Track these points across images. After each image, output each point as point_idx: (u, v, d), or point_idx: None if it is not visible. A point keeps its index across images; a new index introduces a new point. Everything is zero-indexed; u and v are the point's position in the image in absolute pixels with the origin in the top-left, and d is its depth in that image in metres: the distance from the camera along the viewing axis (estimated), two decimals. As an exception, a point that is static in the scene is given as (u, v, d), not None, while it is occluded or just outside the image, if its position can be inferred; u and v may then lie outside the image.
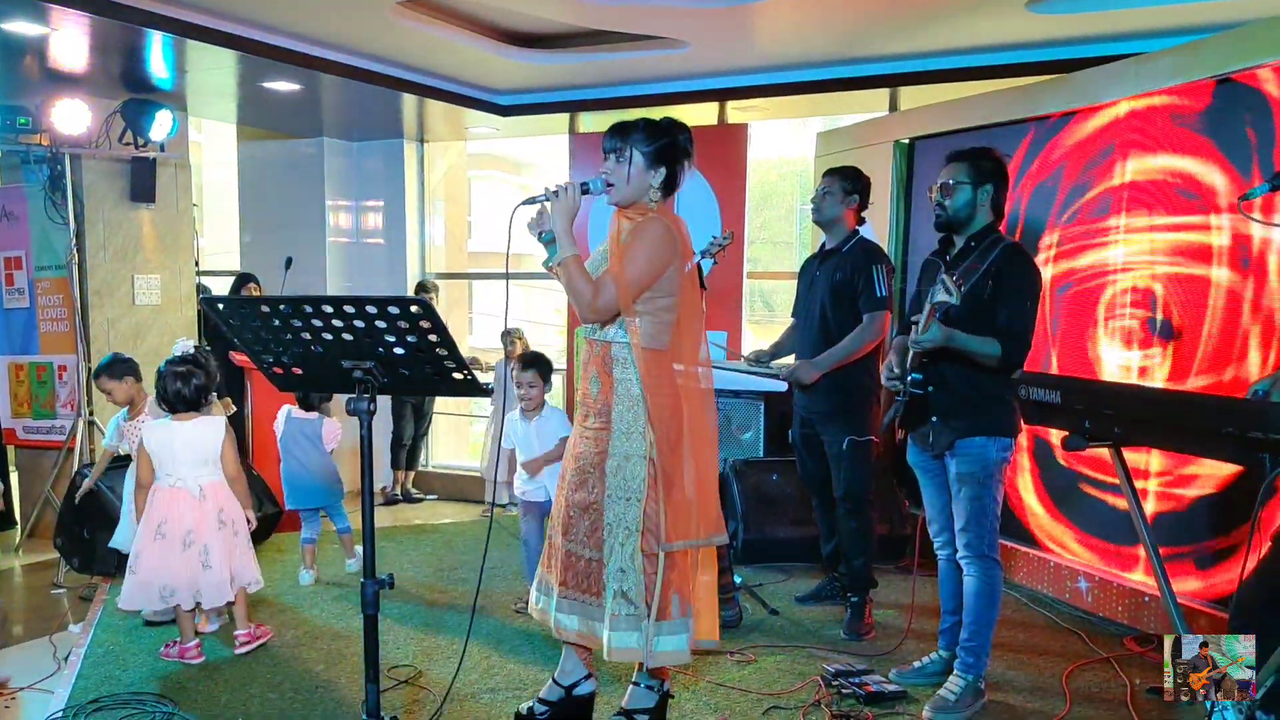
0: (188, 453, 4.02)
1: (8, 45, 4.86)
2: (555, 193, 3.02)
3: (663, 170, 3.07)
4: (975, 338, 3.32)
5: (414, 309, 2.45)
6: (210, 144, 10.19)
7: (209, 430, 4.07)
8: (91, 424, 6.10)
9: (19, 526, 6.23)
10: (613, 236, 3.11)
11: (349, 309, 2.49)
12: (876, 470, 4.45)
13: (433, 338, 2.51)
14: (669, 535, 3.02)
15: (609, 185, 3.08)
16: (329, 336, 2.57)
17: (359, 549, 5.12)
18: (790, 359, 4.53)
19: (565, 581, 3.17)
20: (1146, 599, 4.24)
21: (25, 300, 6.29)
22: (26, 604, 4.92)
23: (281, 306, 2.56)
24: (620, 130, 3.08)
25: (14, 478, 6.48)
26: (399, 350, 2.57)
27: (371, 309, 2.46)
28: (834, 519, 4.46)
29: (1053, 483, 4.79)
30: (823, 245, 4.47)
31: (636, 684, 3.28)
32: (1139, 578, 4.31)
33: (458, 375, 2.63)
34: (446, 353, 2.55)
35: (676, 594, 3.08)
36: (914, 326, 3.38)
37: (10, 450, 6.49)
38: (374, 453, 2.68)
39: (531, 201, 3.10)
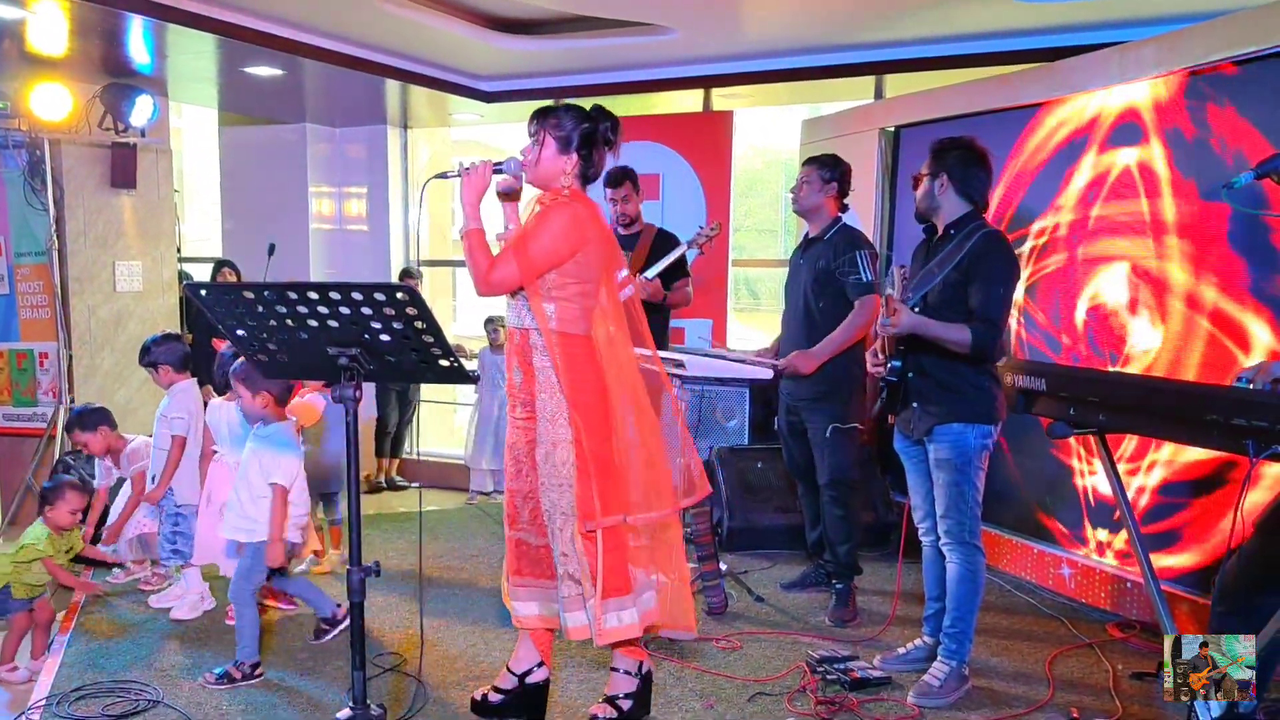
0: (228, 431, 4.23)
1: (-15, 28, 4.81)
2: (467, 169, 3.05)
3: (577, 156, 3.07)
4: (945, 324, 3.35)
5: (400, 295, 2.43)
6: (191, 130, 10.11)
7: None
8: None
9: (-1, 515, 6.18)
10: (526, 218, 3.14)
11: (334, 295, 2.47)
12: (862, 457, 4.46)
13: (419, 324, 2.49)
14: (603, 511, 3.02)
15: (523, 167, 3.11)
16: (314, 323, 2.55)
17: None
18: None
19: (519, 570, 3.24)
20: (1129, 585, 4.27)
21: (4, 287, 6.23)
22: (7, 593, 4.89)
23: (265, 293, 2.54)
24: (540, 114, 3.11)
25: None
26: (385, 337, 2.55)
27: (357, 295, 2.45)
28: (819, 506, 4.47)
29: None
30: (806, 234, 4.46)
31: (615, 669, 3.29)
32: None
33: (444, 362, 2.62)
34: (433, 339, 2.54)
35: (622, 569, 3.09)
36: (882, 312, 3.41)
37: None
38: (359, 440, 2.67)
39: (443, 176, 3.19)
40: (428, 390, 7.66)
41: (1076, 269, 4.58)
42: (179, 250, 6.94)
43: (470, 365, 6.04)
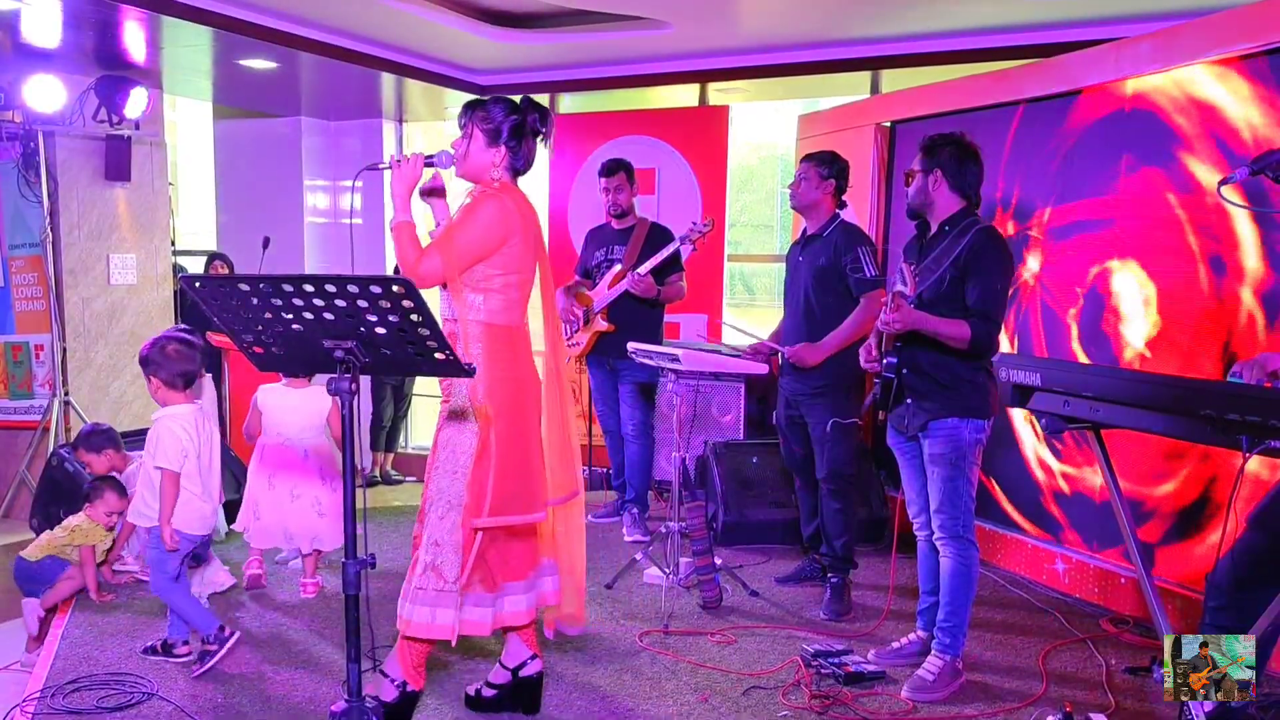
0: (296, 416, 4.41)
1: (-21, 20, 4.80)
2: (398, 161, 3.08)
3: (505, 149, 3.09)
4: (945, 320, 3.35)
5: (395, 289, 2.43)
6: (186, 122, 10.09)
7: (319, 398, 4.43)
8: (68, 404, 6.04)
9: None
10: (457, 211, 3.15)
11: (330, 288, 2.46)
12: (858, 452, 4.46)
13: (415, 317, 2.49)
14: (491, 510, 3.01)
15: (453, 160, 3.12)
16: (310, 316, 2.55)
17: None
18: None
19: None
20: (1122, 581, 4.29)
21: (-1, 279, 6.23)
22: (1, 585, 4.88)
23: (261, 285, 2.53)
24: (469, 107, 3.13)
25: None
26: (380, 330, 2.54)
27: (353, 288, 2.44)
28: (816, 500, 4.48)
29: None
30: (804, 231, 4.46)
31: (385, 674, 3.21)
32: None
33: (440, 355, 2.61)
34: (429, 332, 2.53)
35: (491, 571, 3.11)
36: (884, 308, 3.41)
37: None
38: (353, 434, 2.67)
39: (374, 168, 3.24)
40: (422, 384, 7.66)
41: (1077, 265, 4.59)
42: (173, 243, 6.92)
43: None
